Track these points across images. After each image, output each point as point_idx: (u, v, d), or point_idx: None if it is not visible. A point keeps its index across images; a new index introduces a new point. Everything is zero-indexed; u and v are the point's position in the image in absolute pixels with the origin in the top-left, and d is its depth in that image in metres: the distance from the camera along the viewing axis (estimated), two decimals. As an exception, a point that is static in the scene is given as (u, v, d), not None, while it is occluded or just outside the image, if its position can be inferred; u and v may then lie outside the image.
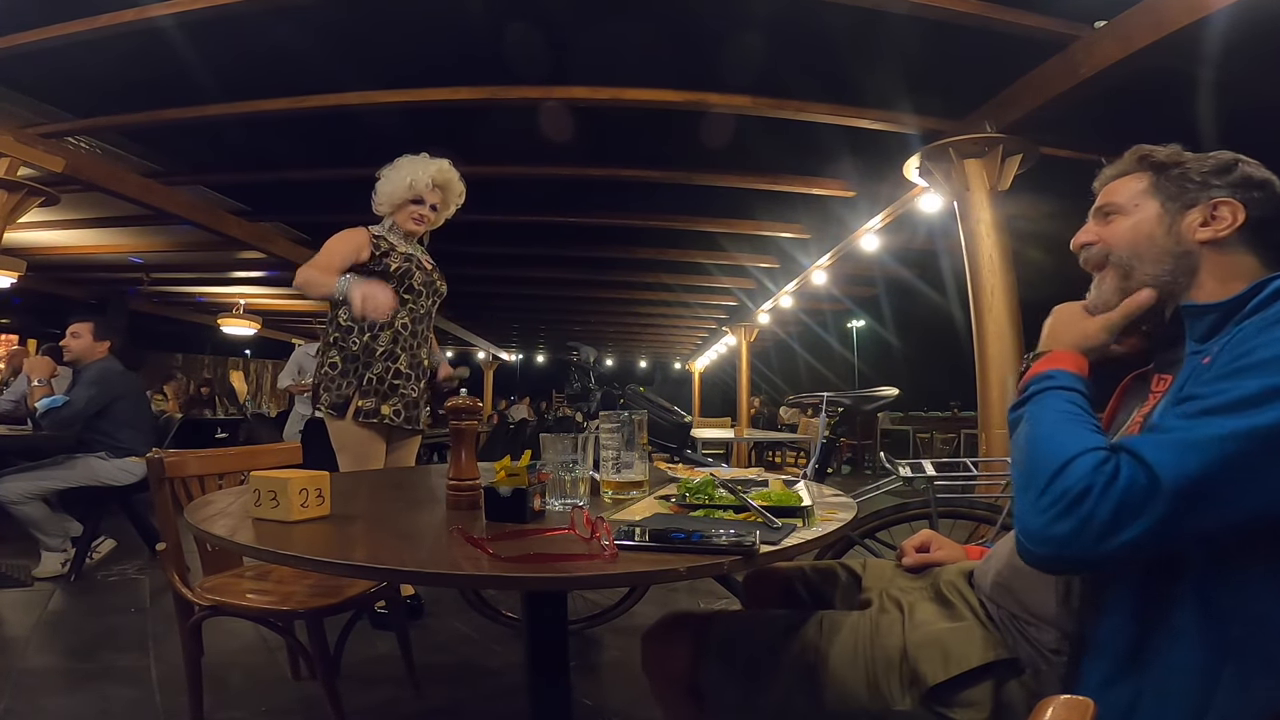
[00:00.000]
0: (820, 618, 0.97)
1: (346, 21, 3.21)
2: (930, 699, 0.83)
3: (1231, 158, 0.91)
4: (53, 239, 6.91)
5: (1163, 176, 0.92)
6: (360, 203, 2.50)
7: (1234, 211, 0.86)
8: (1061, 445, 0.73)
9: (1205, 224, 0.88)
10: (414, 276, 2.38)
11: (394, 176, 2.39)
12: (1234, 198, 0.87)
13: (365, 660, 2.16)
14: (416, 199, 2.38)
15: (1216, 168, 0.90)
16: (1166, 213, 0.90)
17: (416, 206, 2.39)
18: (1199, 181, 0.90)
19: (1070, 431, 0.75)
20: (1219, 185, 0.88)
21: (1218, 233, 0.86)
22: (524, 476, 1.06)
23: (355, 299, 2.07)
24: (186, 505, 1.34)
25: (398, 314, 2.31)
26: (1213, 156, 0.91)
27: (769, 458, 9.86)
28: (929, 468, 1.88)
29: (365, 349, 2.29)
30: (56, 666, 2.16)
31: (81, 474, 3.10)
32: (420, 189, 2.37)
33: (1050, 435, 0.76)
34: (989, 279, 3.57)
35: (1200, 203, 0.89)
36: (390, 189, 2.39)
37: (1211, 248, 0.87)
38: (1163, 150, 0.95)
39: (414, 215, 2.40)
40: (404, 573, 0.91)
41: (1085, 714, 0.51)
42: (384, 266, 2.32)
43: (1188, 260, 0.88)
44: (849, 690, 0.88)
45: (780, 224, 6.00)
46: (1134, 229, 0.92)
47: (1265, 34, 2.55)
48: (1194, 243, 0.88)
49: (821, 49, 3.31)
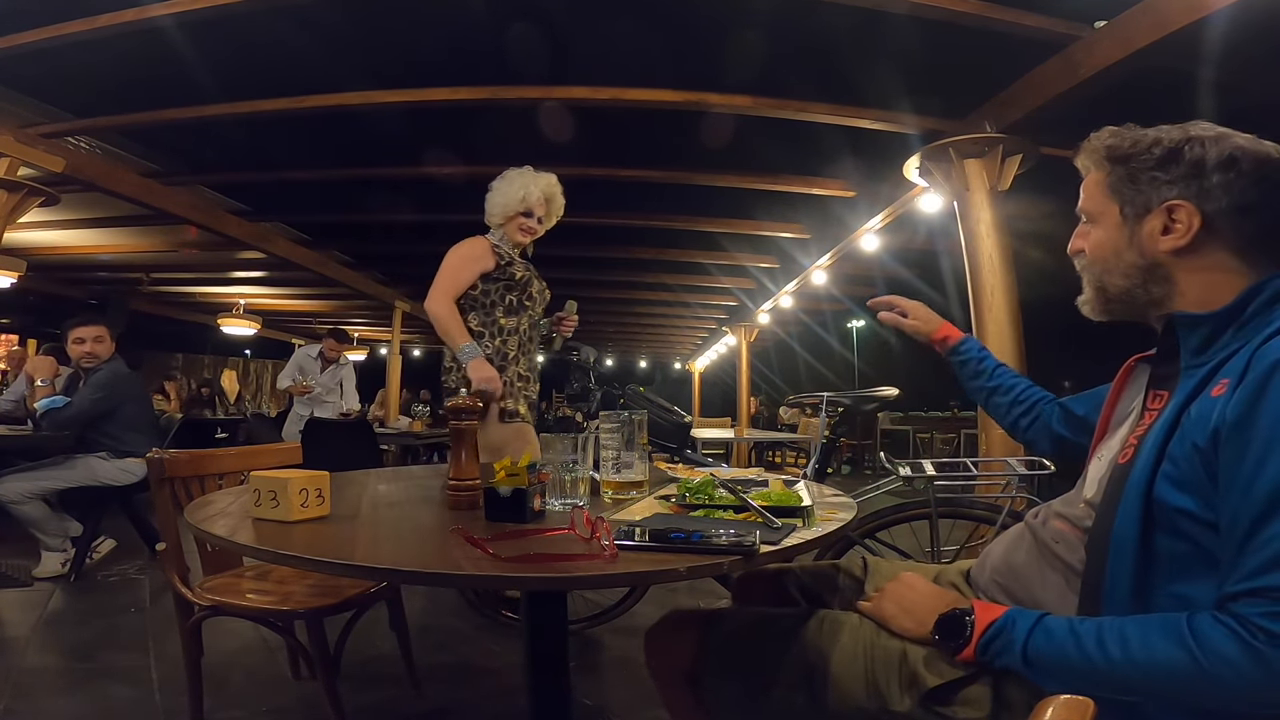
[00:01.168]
0: (822, 618, 0.97)
1: (346, 21, 3.21)
2: (929, 700, 0.83)
3: (1178, 139, 0.81)
4: (53, 239, 6.91)
5: (1114, 172, 0.86)
6: (360, 202, 2.50)
7: (1189, 215, 0.79)
8: (1156, 654, 0.67)
9: (1165, 231, 0.81)
10: (533, 285, 2.50)
11: (506, 190, 2.47)
12: (1186, 198, 0.79)
13: (365, 660, 2.16)
14: (527, 212, 2.47)
15: (1161, 159, 0.81)
16: (1125, 221, 0.84)
17: (526, 219, 2.47)
18: (1148, 180, 0.82)
19: (1136, 638, 0.69)
20: (1168, 183, 0.81)
21: (1178, 241, 0.80)
22: (524, 476, 1.06)
23: (472, 376, 2.21)
24: (186, 505, 1.34)
25: (520, 319, 2.44)
26: (1159, 140, 0.82)
27: (769, 458, 9.86)
28: (929, 468, 1.88)
29: (498, 353, 2.37)
30: (56, 666, 2.16)
31: (82, 474, 3.10)
32: (531, 202, 2.46)
33: (1137, 660, 0.68)
34: (989, 279, 3.56)
35: (1154, 207, 0.81)
36: (503, 201, 2.47)
37: (1179, 256, 0.81)
38: (1110, 136, 0.87)
39: (523, 227, 2.48)
40: (404, 573, 0.91)
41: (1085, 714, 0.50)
42: (509, 275, 2.41)
43: (1158, 272, 0.82)
44: (849, 690, 0.88)
45: (780, 224, 6.00)
46: (1103, 242, 0.87)
47: (1265, 34, 2.55)
48: (1159, 253, 0.81)
49: (821, 49, 3.31)
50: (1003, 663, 0.77)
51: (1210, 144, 0.80)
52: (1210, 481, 0.70)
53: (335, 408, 5.45)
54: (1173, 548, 0.73)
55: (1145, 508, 0.74)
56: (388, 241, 7.12)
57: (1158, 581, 0.74)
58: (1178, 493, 0.72)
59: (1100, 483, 0.85)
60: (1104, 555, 0.77)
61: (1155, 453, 0.75)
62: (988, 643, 0.78)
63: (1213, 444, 0.70)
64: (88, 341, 3.22)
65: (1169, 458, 0.74)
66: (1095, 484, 0.87)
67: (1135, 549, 0.74)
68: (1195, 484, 0.71)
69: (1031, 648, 0.74)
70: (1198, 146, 0.80)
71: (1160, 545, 0.73)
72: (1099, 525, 0.80)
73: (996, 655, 0.77)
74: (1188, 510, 0.72)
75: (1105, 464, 0.87)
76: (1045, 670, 0.74)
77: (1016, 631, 0.76)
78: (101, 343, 3.25)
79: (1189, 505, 0.71)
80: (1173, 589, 0.73)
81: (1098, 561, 0.78)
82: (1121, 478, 0.78)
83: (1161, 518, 0.73)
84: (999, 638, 0.77)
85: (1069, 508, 0.91)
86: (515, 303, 2.43)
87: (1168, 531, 0.73)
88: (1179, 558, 0.73)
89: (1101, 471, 0.87)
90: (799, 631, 0.95)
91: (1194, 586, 0.72)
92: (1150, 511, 0.74)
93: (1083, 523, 0.86)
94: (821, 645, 0.92)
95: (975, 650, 0.79)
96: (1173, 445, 0.74)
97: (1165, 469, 0.74)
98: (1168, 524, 0.73)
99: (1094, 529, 0.81)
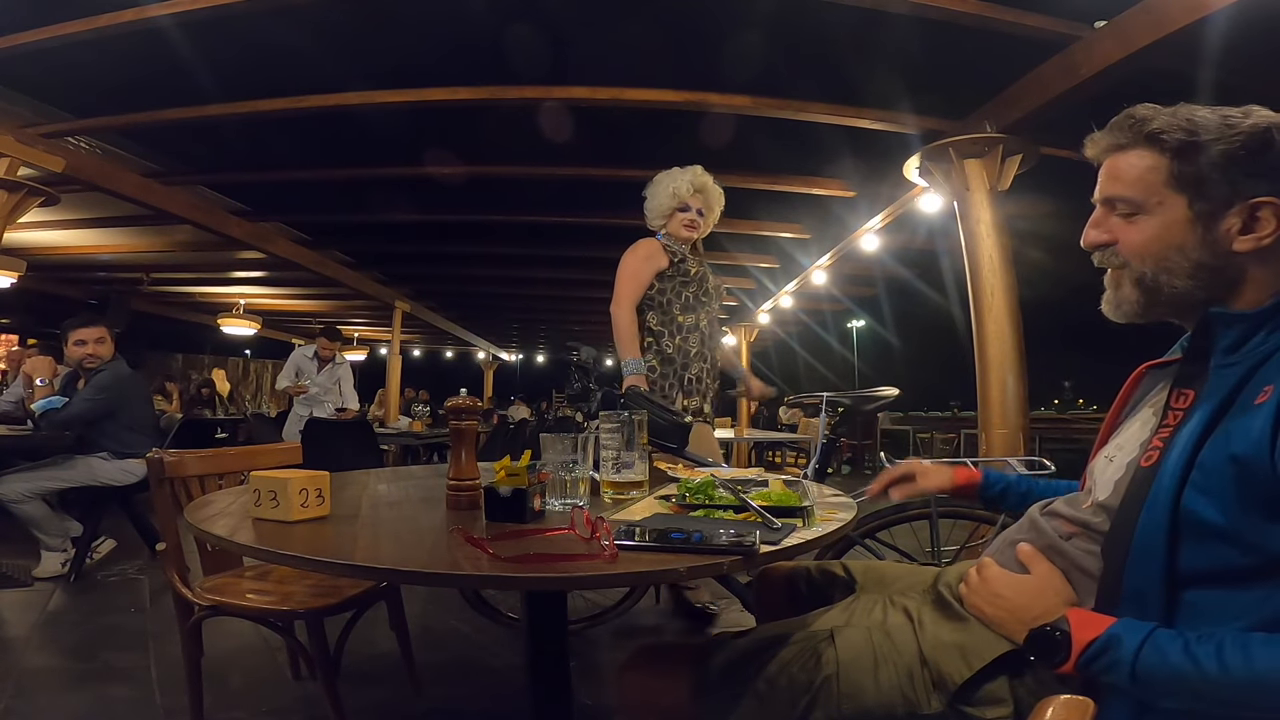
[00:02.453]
0: (830, 631, 0.94)
1: (346, 21, 3.21)
2: (958, 699, 0.82)
3: (1264, 127, 0.73)
4: (53, 239, 6.91)
5: (1181, 162, 0.76)
6: (360, 202, 2.51)
7: (1276, 213, 0.73)
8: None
9: (1246, 230, 0.74)
10: (708, 281, 2.52)
11: (657, 192, 2.55)
12: (1276, 194, 0.72)
13: (365, 660, 2.16)
14: (683, 207, 2.52)
15: (1247, 151, 0.73)
16: (1198, 217, 0.76)
17: (684, 214, 2.52)
18: (1229, 175, 0.74)
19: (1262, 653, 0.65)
20: (1255, 178, 0.73)
21: (1261, 241, 0.73)
22: (524, 476, 1.06)
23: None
24: (186, 505, 1.34)
25: (698, 316, 2.46)
26: (1240, 130, 0.74)
27: (769, 458, 9.86)
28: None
29: (680, 351, 2.41)
30: (56, 666, 2.15)
31: (82, 474, 3.10)
32: (684, 196, 2.50)
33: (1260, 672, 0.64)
34: (989, 279, 3.56)
35: (1236, 204, 0.74)
36: (656, 204, 2.55)
37: (1256, 257, 0.74)
38: (1168, 119, 0.78)
39: (684, 222, 2.52)
40: (404, 573, 0.91)
41: (1085, 714, 0.51)
42: (684, 271, 2.46)
43: (1226, 273, 0.76)
44: (871, 699, 0.85)
45: (780, 224, 6.00)
46: (1160, 238, 0.78)
47: (1265, 34, 2.55)
48: (1234, 253, 0.75)
49: (821, 49, 3.31)
50: (1109, 680, 0.71)
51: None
52: (1241, 493, 0.68)
53: (335, 406, 5.45)
54: (1195, 556, 0.72)
55: (1173, 515, 0.72)
56: (388, 241, 7.12)
57: (1178, 589, 0.73)
58: (1205, 501, 0.70)
59: (1116, 485, 0.83)
60: (1123, 559, 0.75)
61: (1185, 460, 0.72)
62: (1090, 660, 0.71)
63: (1270, 462, 0.66)
64: (89, 343, 3.22)
65: (1199, 466, 0.71)
66: (1109, 486, 0.85)
67: (1157, 555, 0.72)
68: (1223, 494, 0.70)
69: (1142, 665, 0.68)
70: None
71: (1183, 553, 0.72)
72: (1118, 529, 0.78)
73: (1102, 672, 0.71)
74: (1213, 521, 0.70)
75: (1120, 466, 0.85)
76: (1156, 688, 0.69)
77: (1124, 650, 0.69)
78: (103, 344, 3.25)
79: (1215, 516, 0.70)
80: (1192, 597, 0.72)
81: (1116, 566, 0.77)
82: (1145, 481, 0.76)
83: (1187, 526, 0.72)
84: (1103, 655, 0.70)
85: (1073, 508, 0.90)
86: (691, 299, 2.45)
87: (1191, 539, 0.72)
88: (1200, 566, 0.72)
89: (1118, 474, 0.84)
90: (807, 647, 0.92)
91: (1213, 596, 0.71)
92: (1177, 519, 0.72)
93: (1091, 524, 0.85)
94: (836, 658, 0.89)
95: (1076, 668, 0.72)
96: (1204, 453, 0.71)
97: (1194, 477, 0.71)
98: (1192, 532, 0.71)
99: (1112, 532, 0.79)
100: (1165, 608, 0.73)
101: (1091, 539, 0.84)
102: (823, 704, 0.87)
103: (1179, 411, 0.79)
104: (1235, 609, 0.70)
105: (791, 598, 1.20)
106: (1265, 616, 0.69)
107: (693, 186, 2.51)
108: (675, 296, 2.44)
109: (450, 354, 16.77)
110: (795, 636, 0.94)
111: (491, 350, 15.75)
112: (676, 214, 2.52)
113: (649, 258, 2.45)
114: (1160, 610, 0.73)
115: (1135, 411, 0.91)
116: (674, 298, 2.44)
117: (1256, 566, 0.69)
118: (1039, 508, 0.97)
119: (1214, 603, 0.71)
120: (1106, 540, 0.80)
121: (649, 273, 2.43)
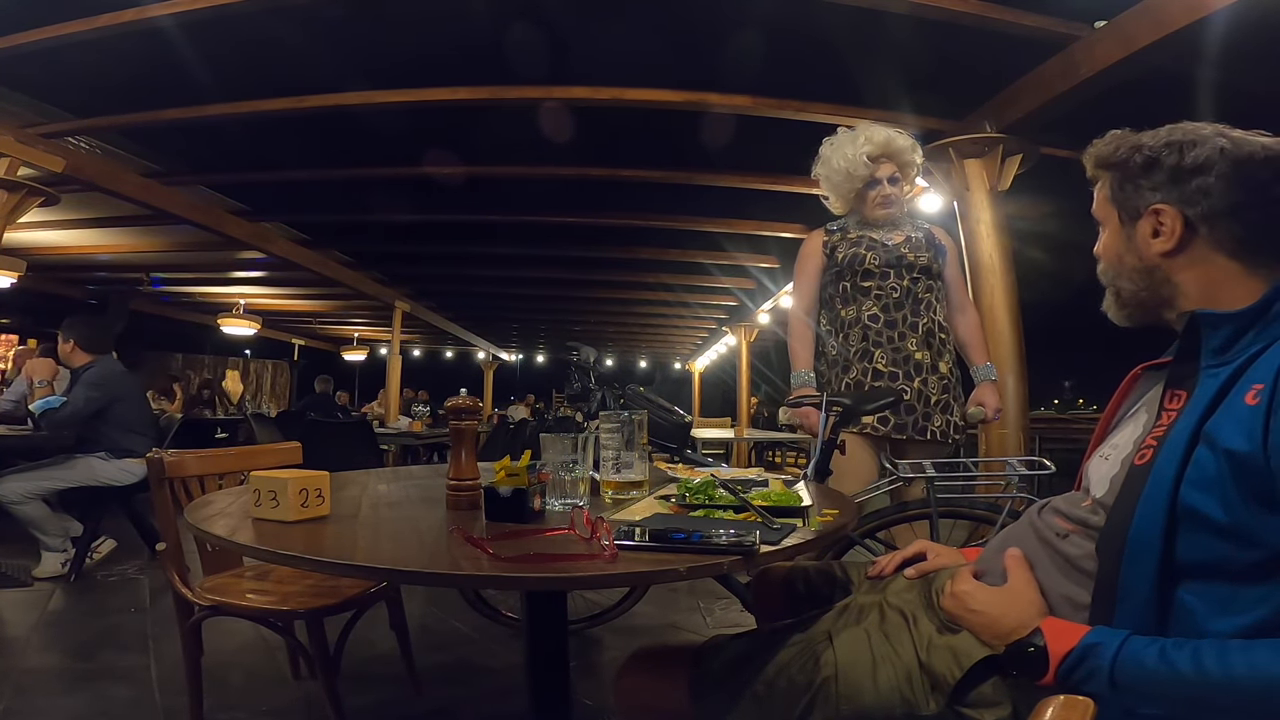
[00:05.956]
0: (828, 633, 0.94)
1: (346, 21, 3.21)
2: (954, 699, 0.82)
3: (1157, 145, 0.83)
4: (53, 239, 6.91)
5: (1110, 179, 0.88)
6: (360, 202, 2.50)
7: (1173, 219, 0.81)
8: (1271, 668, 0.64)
9: (1156, 234, 0.83)
10: (865, 260, 2.10)
11: (827, 173, 2.16)
12: (1169, 202, 0.81)
13: (365, 660, 2.16)
14: (870, 182, 2.11)
15: (1144, 165, 0.84)
16: (1123, 226, 0.87)
17: (874, 190, 2.11)
18: (1134, 186, 0.84)
19: (1240, 656, 0.66)
20: (1151, 189, 0.83)
21: (1166, 244, 0.82)
22: (524, 476, 1.06)
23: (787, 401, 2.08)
24: (186, 505, 1.34)
25: (859, 307, 2.11)
26: (1141, 146, 0.85)
27: (769, 458, 9.86)
28: (929, 468, 1.88)
29: (841, 352, 2.12)
30: (56, 666, 2.15)
31: (82, 474, 3.10)
32: (862, 172, 2.09)
33: (1238, 675, 0.65)
34: (989, 279, 3.57)
35: (1144, 211, 0.84)
36: (833, 188, 2.18)
37: (1172, 258, 0.82)
38: (1104, 143, 0.89)
39: (878, 201, 2.12)
40: (404, 573, 0.91)
41: (1085, 714, 0.51)
42: (835, 260, 2.16)
43: (1157, 274, 0.84)
44: (870, 700, 0.86)
45: (780, 224, 6.00)
46: (1110, 247, 0.90)
47: (1265, 34, 2.55)
48: (1155, 257, 0.83)
49: (821, 49, 3.31)
50: (1088, 689, 0.71)
51: (1189, 148, 0.81)
52: (1240, 487, 0.69)
53: None
54: (1191, 552, 0.72)
55: (1170, 511, 0.73)
56: (388, 241, 7.13)
57: (1174, 585, 0.73)
58: (1203, 497, 0.71)
59: (1112, 482, 0.84)
60: (1118, 556, 0.76)
61: (1180, 456, 0.74)
62: (1068, 671, 0.73)
63: (1264, 457, 0.68)
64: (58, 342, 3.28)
65: (1194, 463, 0.73)
66: (1105, 483, 0.86)
67: (1153, 551, 0.73)
68: (1221, 489, 0.70)
69: (1120, 672, 0.70)
70: (1175, 152, 0.82)
71: (1180, 549, 0.73)
72: (1113, 526, 0.79)
73: (1081, 682, 0.72)
74: (1212, 515, 0.71)
75: (1115, 463, 0.86)
76: (1136, 693, 0.70)
77: (1101, 658, 0.71)
78: (73, 351, 3.28)
79: (1214, 510, 0.71)
80: (1189, 593, 0.72)
81: (1111, 562, 0.77)
82: (1140, 479, 0.77)
83: (1185, 521, 0.72)
84: (1081, 665, 0.72)
85: (1071, 506, 0.90)
86: (849, 289, 2.13)
87: (1188, 535, 0.72)
88: (1197, 562, 0.72)
89: (1113, 471, 0.85)
90: (806, 649, 0.92)
91: (1210, 592, 0.71)
92: (1174, 515, 0.73)
93: (1089, 522, 0.85)
94: (834, 660, 0.90)
95: (1056, 680, 0.74)
96: (1199, 451, 0.73)
97: (1190, 474, 0.72)
98: (1189, 528, 0.72)
99: (1107, 529, 0.80)
100: (1161, 604, 0.73)
101: (1089, 536, 0.84)
102: (821, 705, 0.87)
103: (1173, 411, 0.81)
104: (1235, 606, 0.70)
105: (789, 598, 1.20)
106: (1265, 615, 0.69)
107: (869, 154, 2.07)
108: (835, 291, 2.15)
109: (450, 354, 16.77)
110: (793, 638, 0.95)
111: (491, 350, 15.74)
112: (865, 192, 2.11)
113: (807, 258, 2.19)
114: (1156, 607, 0.73)
115: (1131, 412, 0.92)
116: (834, 292, 2.16)
117: (1257, 562, 0.70)
118: (1037, 507, 0.97)
119: (1211, 599, 0.71)
120: (1101, 536, 0.81)
121: (812, 275, 2.17)
